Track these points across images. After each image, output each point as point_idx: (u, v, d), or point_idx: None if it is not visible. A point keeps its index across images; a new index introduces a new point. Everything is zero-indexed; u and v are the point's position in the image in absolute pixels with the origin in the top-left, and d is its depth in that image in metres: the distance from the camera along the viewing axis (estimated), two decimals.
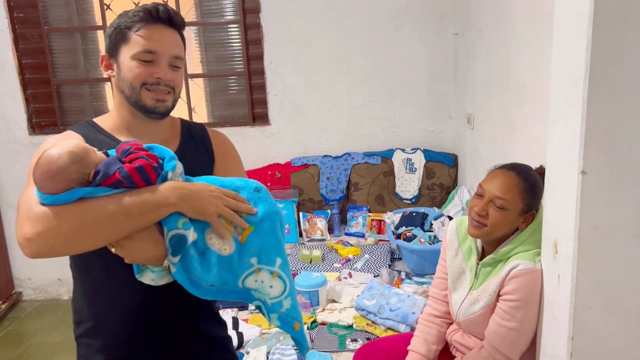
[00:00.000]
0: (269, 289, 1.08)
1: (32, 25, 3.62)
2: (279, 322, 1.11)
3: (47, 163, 0.97)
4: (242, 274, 1.06)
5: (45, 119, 3.78)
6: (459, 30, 3.44)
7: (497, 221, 1.49)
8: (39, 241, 0.94)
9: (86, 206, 0.96)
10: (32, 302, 3.97)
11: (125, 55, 1.15)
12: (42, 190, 0.97)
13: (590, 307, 1.21)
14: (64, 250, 0.98)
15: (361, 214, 3.46)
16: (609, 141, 1.12)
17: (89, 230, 0.96)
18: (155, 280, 1.05)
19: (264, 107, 3.71)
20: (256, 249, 1.07)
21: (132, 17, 1.15)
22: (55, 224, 0.94)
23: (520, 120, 2.27)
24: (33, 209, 0.97)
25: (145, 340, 1.20)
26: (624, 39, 1.07)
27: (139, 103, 1.16)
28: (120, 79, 1.17)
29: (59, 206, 0.96)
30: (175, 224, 1.00)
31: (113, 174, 0.98)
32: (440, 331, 1.75)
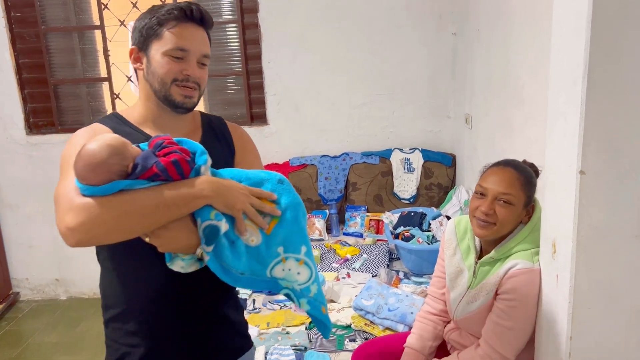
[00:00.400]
0: (297, 276, 1.13)
1: (29, 25, 3.62)
2: (308, 307, 1.15)
3: (89, 156, 1.01)
4: (269, 263, 1.11)
5: (43, 119, 3.78)
6: (457, 30, 3.44)
7: (505, 217, 1.49)
8: (81, 231, 0.99)
9: (127, 198, 1.01)
10: (29, 302, 3.97)
11: (156, 50, 1.19)
12: (84, 181, 1.01)
13: (588, 307, 1.21)
14: (105, 239, 1.03)
15: (359, 213, 3.45)
16: (607, 141, 1.12)
17: (129, 220, 1.01)
18: (185, 268, 1.10)
19: (262, 106, 3.70)
20: (282, 239, 1.12)
21: (166, 15, 1.19)
22: (97, 214, 0.99)
23: (519, 120, 2.27)
24: (75, 200, 1.01)
25: (172, 325, 1.24)
26: (623, 38, 1.07)
27: (168, 98, 1.21)
28: (149, 73, 1.21)
29: (101, 197, 1.00)
30: (208, 215, 1.06)
31: (150, 167, 1.03)
32: (437, 328, 1.76)
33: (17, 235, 3.90)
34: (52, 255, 3.91)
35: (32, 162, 3.76)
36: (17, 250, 3.93)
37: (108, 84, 3.71)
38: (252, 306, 2.48)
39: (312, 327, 2.27)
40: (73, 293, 4.00)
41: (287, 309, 2.42)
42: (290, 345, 2.08)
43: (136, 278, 1.22)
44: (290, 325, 2.27)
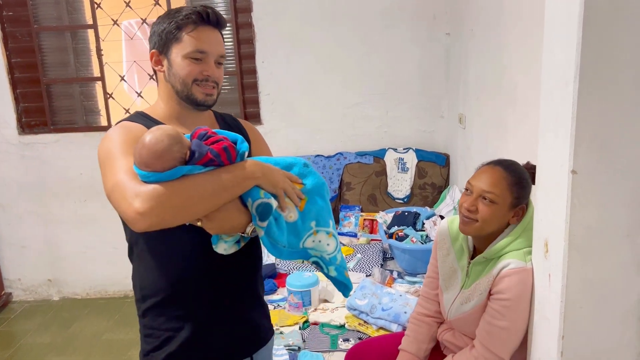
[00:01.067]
0: (326, 247, 1.27)
1: (21, 24, 3.60)
2: (336, 272, 1.30)
3: (154, 144, 1.09)
4: (304, 236, 1.24)
5: (35, 119, 3.76)
6: (451, 30, 3.45)
7: (487, 215, 1.50)
8: (152, 215, 1.05)
9: (191, 182, 1.09)
10: (21, 303, 3.95)
11: (176, 53, 1.27)
12: (149, 168, 1.08)
13: (580, 306, 1.21)
14: (172, 222, 1.10)
15: (353, 213, 3.46)
16: (599, 141, 1.13)
17: (195, 203, 1.09)
18: (227, 250, 1.21)
19: (256, 106, 3.70)
20: (314, 214, 1.25)
21: (185, 19, 1.27)
22: (166, 199, 1.06)
23: (512, 120, 2.28)
24: (139, 187, 1.06)
25: (211, 306, 1.32)
26: (614, 39, 1.08)
27: (190, 97, 1.30)
28: (171, 75, 1.29)
29: (167, 183, 1.07)
30: (259, 194, 1.17)
31: (206, 153, 1.12)
32: (431, 330, 1.76)
33: (9, 236, 3.87)
34: (44, 256, 3.89)
35: (25, 162, 3.74)
36: (9, 250, 3.90)
37: (101, 83, 3.69)
38: None
39: (306, 326, 2.27)
40: (66, 294, 3.98)
41: (281, 309, 2.42)
42: (284, 345, 2.08)
43: (174, 266, 1.29)
44: (284, 325, 2.27)
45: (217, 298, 1.33)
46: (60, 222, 3.80)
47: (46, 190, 3.75)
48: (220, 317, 1.33)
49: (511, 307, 1.44)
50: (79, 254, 3.87)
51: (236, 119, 1.50)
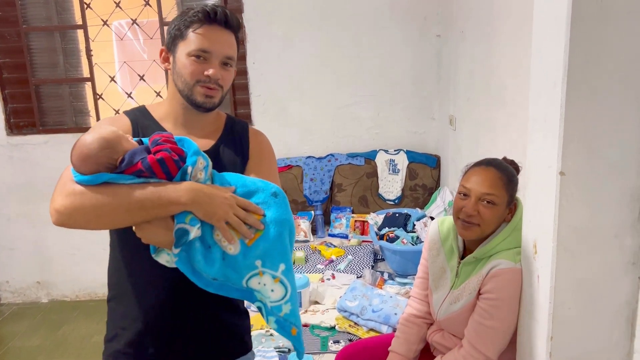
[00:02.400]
0: (270, 293, 1.12)
1: (10, 24, 3.56)
2: (276, 326, 1.15)
3: (80, 146, 1.07)
4: (246, 274, 1.11)
5: (24, 119, 3.72)
6: (441, 32, 3.46)
7: (489, 218, 1.50)
8: (65, 214, 1.07)
9: (107, 191, 1.07)
10: (10, 305, 3.90)
11: (181, 51, 1.25)
12: (75, 169, 1.08)
13: (569, 307, 1.22)
14: (84, 226, 1.09)
15: (344, 215, 3.45)
16: (587, 142, 1.13)
17: (105, 213, 1.07)
18: (170, 263, 1.12)
19: (246, 107, 3.69)
20: (261, 252, 1.11)
21: (192, 17, 1.24)
22: (80, 202, 1.06)
23: (501, 122, 2.29)
24: (67, 185, 1.08)
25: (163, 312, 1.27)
26: (602, 41, 1.08)
27: (190, 97, 1.26)
28: (175, 73, 1.27)
29: (85, 186, 1.07)
30: (183, 219, 1.08)
31: (136, 163, 1.07)
32: (421, 331, 1.76)
33: None
34: (33, 258, 3.86)
35: (13, 163, 3.70)
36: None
37: (91, 84, 3.67)
38: None
39: None
40: (55, 296, 3.94)
41: None
42: (274, 347, 2.07)
43: (130, 265, 1.27)
44: None
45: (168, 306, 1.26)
46: (49, 224, 3.67)
47: (35, 192, 3.71)
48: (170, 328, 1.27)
49: (500, 307, 1.45)
50: (68, 256, 3.83)
51: (246, 129, 1.41)
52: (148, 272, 1.24)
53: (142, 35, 3.64)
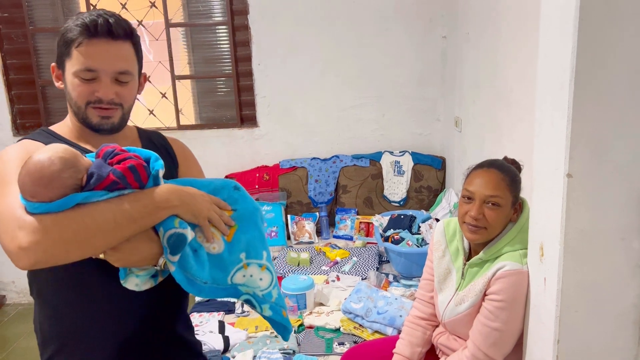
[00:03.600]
0: (259, 282, 1.11)
1: (16, 26, 3.58)
2: (271, 312, 1.14)
3: (39, 170, 0.92)
4: (231, 270, 1.09)
5: (30, 120, 3.74)
6: (446, 33, 3.45)
7: (495, 220, 1.50)
8: (38, 250, 0.89)
9: (86, 212, 0.93)
10: (15, 305, 3.92)
11: (69, 70, 1.12)
12: (35, 198, 0.92)
13: (576, 310, 1.21)
14: (65, 258, 0.93)
15: (349, 216, 3.45)
16: (594, 144, 1.12)
17: (91, 236, 0.93)
18: (139, 286, 1.05)
19: (252, 109, 3.69)
20: (244, 245, 1.10)
21: (73, 30, 1.09)
22: (56, 232, 0.90)
23: (507, 124, 2.28)
24: (24, 218, 0.91)
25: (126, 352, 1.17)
26: (610, 42, 1.08)
27: (86, 120, 1.14)
28: (67, 93, 1.14)
29: (57, 213, 0.92)
30: (172, 224, 1.02)
31: (107, 175, 0.97)
32: (426, 334, 1.75)
33: None
34: None
35: None
36: (2, 253, 3.85)
37: None
38: (241, 310, 2.47)
39: (301, 330, 2.26)
40: None
41: None
42: (279, 349, 2.07)
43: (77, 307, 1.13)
44: None
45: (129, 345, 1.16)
46: None
47: None
48: None
49: (505, 309, 1.44)
50: None
51: (164, 138, 1.33)
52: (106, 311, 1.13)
53: (148, 36, 3.66)
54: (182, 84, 3.70)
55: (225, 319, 2.39)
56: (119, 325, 1.15)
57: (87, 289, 1.11)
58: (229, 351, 2.12)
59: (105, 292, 1.10)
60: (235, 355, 2.06)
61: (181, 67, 3.68)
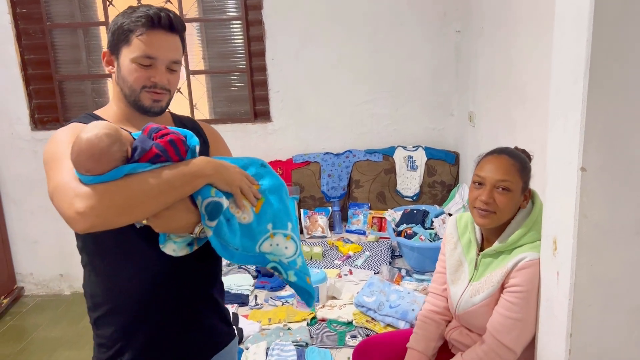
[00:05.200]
0: (285, 250, 1.21)
1: (34, 21, 3.63)
2: (296, 278, 1.24)
3: (90, 147, 1.03)
4: (259, 239, 1.18)
5: (48, 115, 3.79)
6: (461, 27, 3.44)
7: (505, 205, 1.51)
8: (92, 215, 1.00)
9: (133, 181, 1.04)
10: (33, 297, 3.99)
11: (125, 56, 1.22)
12: (89, 172, 1.03)
13: (589, 304, 1.21)
14: (117, 222, 1.04)
15: (362, 211, 3.46)
16: (609, 138, 1.12)
17: (140, 202, 1.04)
18: (176, 251, 1.15)
19: (265, 103, 3.71)
20: (271, 216, 1.19)
21: (136, 21, 1.21)
22: (108, 198, 1.01)
23: (521, 118, 2.27)
24: (80, 188, 1.02)
25: (165, 314, 1.27)
26: (625, 36, 1.07)
27: (137, 103, 1.25)
28: (120, 78, 1.25)
29: (108, 182, 1.02)
30: (209, 193, 1.11)
31: (150, 148, 1.07)
32: (440, 328, 1.75)
33: (21, 231, 3.92)
34: (56, 251, 3.93)
35: (37, 158, 3.78)
36: (21, 245, 3.95)
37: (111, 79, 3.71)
38: (254, 302, 2.49)
39: (314, 323, 2.28)
40: (77, 288, 4.02)
41: (289, 305, 2.43)
42: (292, 341, 2.09)
43: (126, 272, 1.24)
44: (291, 322, 2.28)
45: (171, 305, 1.27)
46: None
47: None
48: (175, 324, 1.29)
49: (528, 299, 1.45)
50: None
51: (195, 122, 1.45)
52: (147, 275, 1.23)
53: None
54: (196, 78, 3.73)
55: (239, 311, 2.41)
56: (160, 288, 1.25)
57: (131, 255, 1.22)
58: (243, 343, 2.14)
59: (147, 258, 1.21)
60: (249, 347, 2.09)
61: (195, 62, 3.71)
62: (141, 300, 1.24)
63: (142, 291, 1.24)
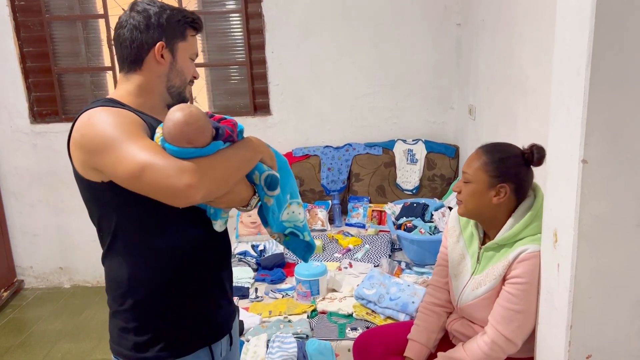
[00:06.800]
0: (299, 215, 1.40)
1: (33, 14, 3.62)
2: (309, 237, 1.45)
3: (195, 120, 1.13)
4: (283, 209, 1.36)
5: (47, 108, 3.79)
6: (461, 20, 3.43)
7: (466, 195, 1.60)
8: (202, 187, 1.08)
9: (225, 156, 1.17)
10: (33, 290, 4.00)
11: (183, 51, 1.33)
12: (192, 144, 1.12)
13: (589, 296, 1.22)
14: (216, 193, 1.17)
15: (362, 204, 3.46)
16: (610, 130, 1.12)
17: (230, 175, 1.18)
18: (221, 227, 1.32)
19: (265, 97, 3.70)
20: (288, 188, 1.37)
21: (192, 22, 1.34)
22: (211, 172, 1.11)
23: (522, 111, 2.27)
24: (181, 162, 1.09)
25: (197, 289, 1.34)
26: (627, 28, 1.07)
27: (181, 94, 1.37)
28: (173, 70, 1.32)
29: (207, 157, 1.13)
30: (263, 168, 1.28)
31: (225, 131, 1.18)
32: (440, 320, 1.76)
33: (21, 224, 3.92)
34: (56, 244, 3.94)
35: (36, 151, 3.78)
36: (21, 238, 3.95)
37: (112, 73, 3.71)
38: (255, 295, 2.50)
39: (314, 315, 2.28)
40: (77, 281, 4.03)
41: (289, 298, 2.44)
42: (292, 334, 2.10)
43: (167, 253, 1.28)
44: (292, 314, 2.28)
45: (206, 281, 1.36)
46: (71, 211, 3.83)
47: (58, 179, 3.78)
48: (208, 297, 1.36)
49: (529, 291, 1.46)
50: (90, 243, 3.89)
51: None
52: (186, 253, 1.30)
53: None
54: None
55: (240, 303, 2.41)
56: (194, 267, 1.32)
57: (167, 235, 1.27)
58: (244, 335, 2.15)
59: (183, 238, 1.29)
60: (250, 339, 2.09)
61: None
62: (177, 279, 1.30)
63: (178, 271, 1.29)
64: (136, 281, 1.28)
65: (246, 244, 3.07)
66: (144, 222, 1.25)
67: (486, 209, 1.57)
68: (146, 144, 1.11)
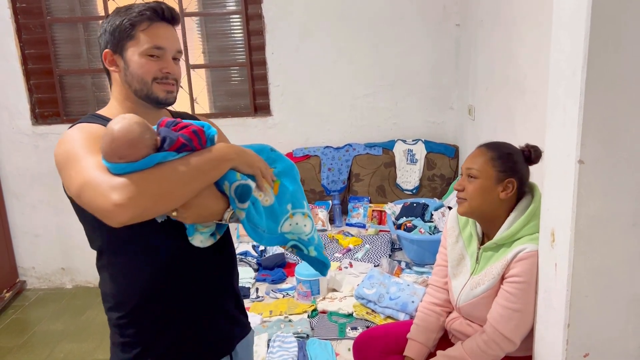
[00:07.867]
0: (304, 228, 1.27)
1: (34, 16, 3.63)
2: (316, 252, 1.31)
3: (125, 134, 1.04)
4: (281, 220, 1.24)
5: (48, 109, 3.80)
6: (460, 21, 3.44)
7: (472, 191, 1.57)
8: (131, 205, 0.99)
9: (168, 168, 1.06)
10: (35, 290, 4.01)
11: (133, 51, 1.23)
12: (123, 159, 1.03)
13: (586, 295, 1.22)
14: (153, 211, 1.05)
15: (362, 204, 3.47)
16: (606, 130, 1.13)
17: (174, 189, 1.06)
18: (204, 242, 1.20)
19: (265, 97, 3.71)
20: (289, 197, 1.25)
21: (138, 16, 1.22)
22: (145, 187, 1.01)
23: (521, 111, 2.28)
24: (114, 179, 1.01)
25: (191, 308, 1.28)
26: (622, 28, 1.08)
27: (151, 96, 1.25)
28: (128, 74, 1.25)
29: (142, 171, 1.03)
30: (235, 177, 1.15)
31: (177, 139, 1.09)
32: (440, 320, 1.77)
33: (23, 225, 3.93)
34: (57, 245, 3.95)
35: (38, 152, 3.79)
36: (23, 239, 3.97)
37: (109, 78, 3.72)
38: (255, 295, 2.51)
39: (315, 315, 2.29)
40: (79, 282, 4.04)
41: (289, 298, 2.45)
42: (293, 333, 2.11)
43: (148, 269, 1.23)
44: (292, 314, 2.29)
45: (196, 298, 1.28)
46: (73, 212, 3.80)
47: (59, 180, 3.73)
48: (202, 316, 1.30)
49: (527, 290, 1.47)
50: None
51: (192, 116, 1.46)
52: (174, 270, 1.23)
53: None
54: (196, 73, 3.74)
55: None
56: (183, 282, 1.26)
57: (152, 251, 1.22)
58: None
59: (168, 253, 1.22)
60: None
61: (196, 56, 3.71)
62: (165, 295, 1.24)
63: (165, 286, 1.24)
64: (121, 296, 1.26)
65: (247, 244, 3.08)
66: (126, 239, 1.20)
67: (490, 205, 1.57)
68: (95, 161, 1.06)
